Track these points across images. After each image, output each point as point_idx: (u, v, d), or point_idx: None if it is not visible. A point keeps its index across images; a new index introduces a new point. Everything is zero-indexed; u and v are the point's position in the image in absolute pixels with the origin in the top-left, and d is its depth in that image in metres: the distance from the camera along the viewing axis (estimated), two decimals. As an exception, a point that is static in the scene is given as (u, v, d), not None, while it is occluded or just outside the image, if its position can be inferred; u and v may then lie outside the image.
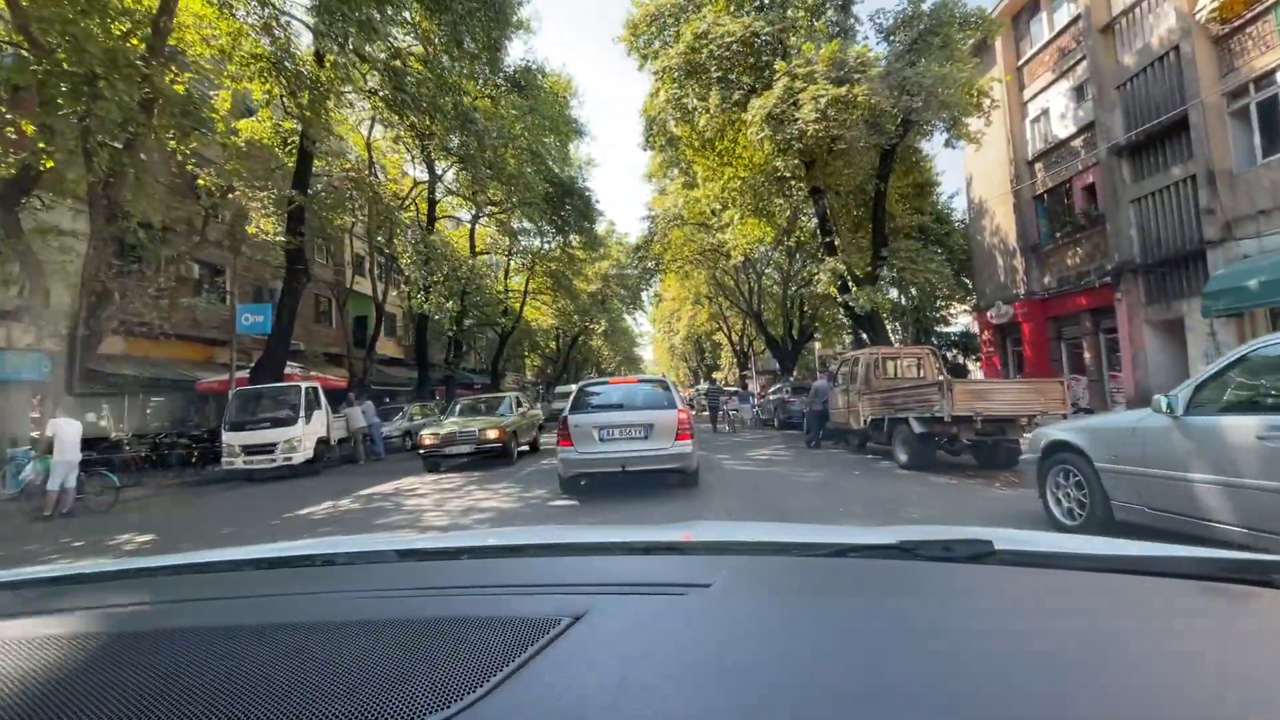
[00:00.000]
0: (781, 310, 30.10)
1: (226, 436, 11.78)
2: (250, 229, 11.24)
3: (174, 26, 10.26)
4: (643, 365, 75.98)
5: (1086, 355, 16.54)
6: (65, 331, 9.77)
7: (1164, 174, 13.61)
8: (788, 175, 16.77)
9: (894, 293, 22.08)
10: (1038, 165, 18.02)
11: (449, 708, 0.53)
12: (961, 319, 32.62)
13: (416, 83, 14.84)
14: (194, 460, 12.73)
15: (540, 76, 23.51)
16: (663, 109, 17.70)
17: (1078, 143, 16.37)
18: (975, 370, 24.60)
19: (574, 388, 8.58)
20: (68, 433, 8.93)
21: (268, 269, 16.16)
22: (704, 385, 31.99)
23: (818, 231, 24.48)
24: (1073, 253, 16.81)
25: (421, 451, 11.45)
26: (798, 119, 13.71)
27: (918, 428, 7.92)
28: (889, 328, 34.35)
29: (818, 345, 39.72)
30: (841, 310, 31.43)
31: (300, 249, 14.76)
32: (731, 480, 8.20)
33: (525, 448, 13.22)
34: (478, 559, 1.11)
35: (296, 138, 14.61)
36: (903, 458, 8.42)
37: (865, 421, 9.59)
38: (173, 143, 9.91)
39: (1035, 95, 17.92)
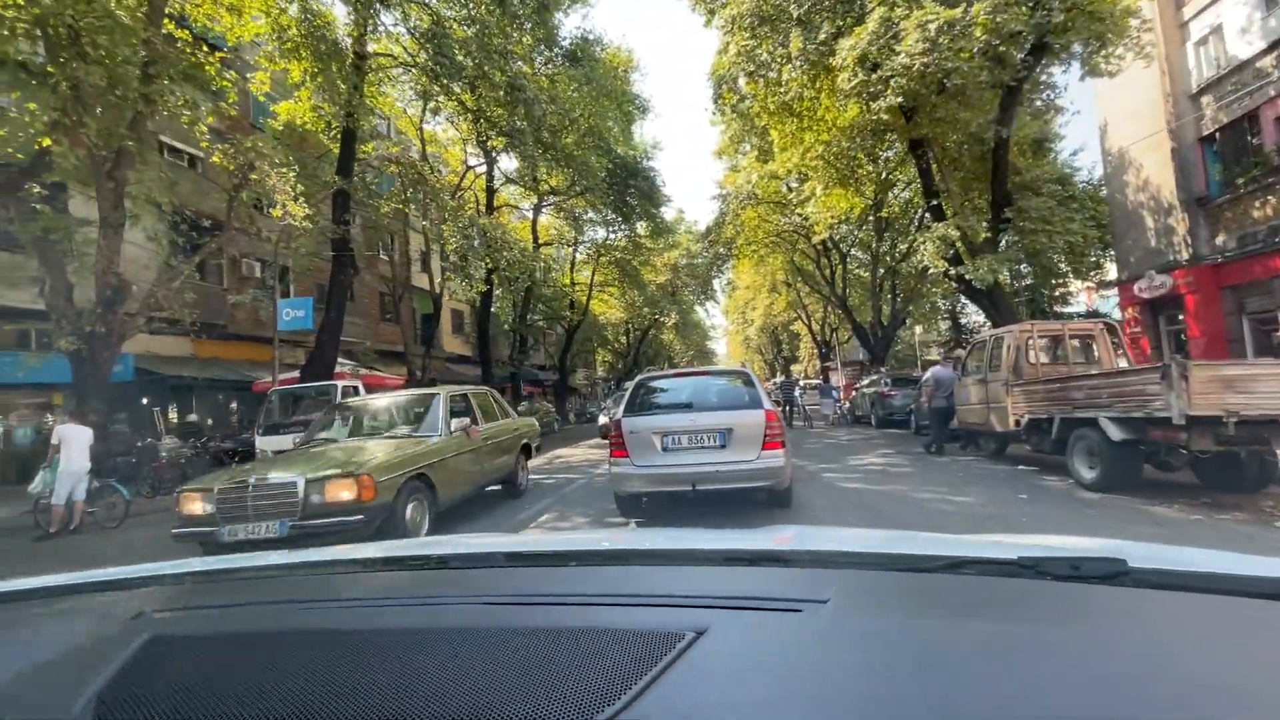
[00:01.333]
0: (870, 294, 27.08)
1: (260, 441, 10.82)
2: (276, 212, 10.22)
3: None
4: (716, 359, 73.44)
5: (1282, 332, 13.05)
6: (85, 330, 8.94)
7: None
8: (884, 127, 14.20)
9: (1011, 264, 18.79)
10: (1205, 98, 14.52)
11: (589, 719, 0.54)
12: (1082, 298, 28.44)
13: (461, 50, 13.49)
14: (235, 464, 11.94)
15: (598, 49, 21.87)
16: (733, 65, 15.55)
17: (1268, 61, 12.88)
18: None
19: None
20: (76, 439, 8.04)
21: (322, 263, 15.39)
22: (779, 379, 29.53)
23: (917, 198, 21.72)
24: (1262, 203, 13.31)
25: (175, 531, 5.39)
26: (899, 53, 11.27)
27: (1116, 433, 5.52)
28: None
29: (917, 330, 36.05)
30: (940, 291, 28.20)
31: (345, 239, 13.79)
32: (841, 504, 6.07)
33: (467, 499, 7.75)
34: (586, 566, 1.09)
35: (339, 121, 13.62)
36: (1087, 474, 6.04)
37: (1017, 422, 7.19)
38: (185, 116, 8.90)
39: (1200, 11, 14.43)
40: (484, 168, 22.92)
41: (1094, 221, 17.27)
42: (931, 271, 25.19)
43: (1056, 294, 25.82)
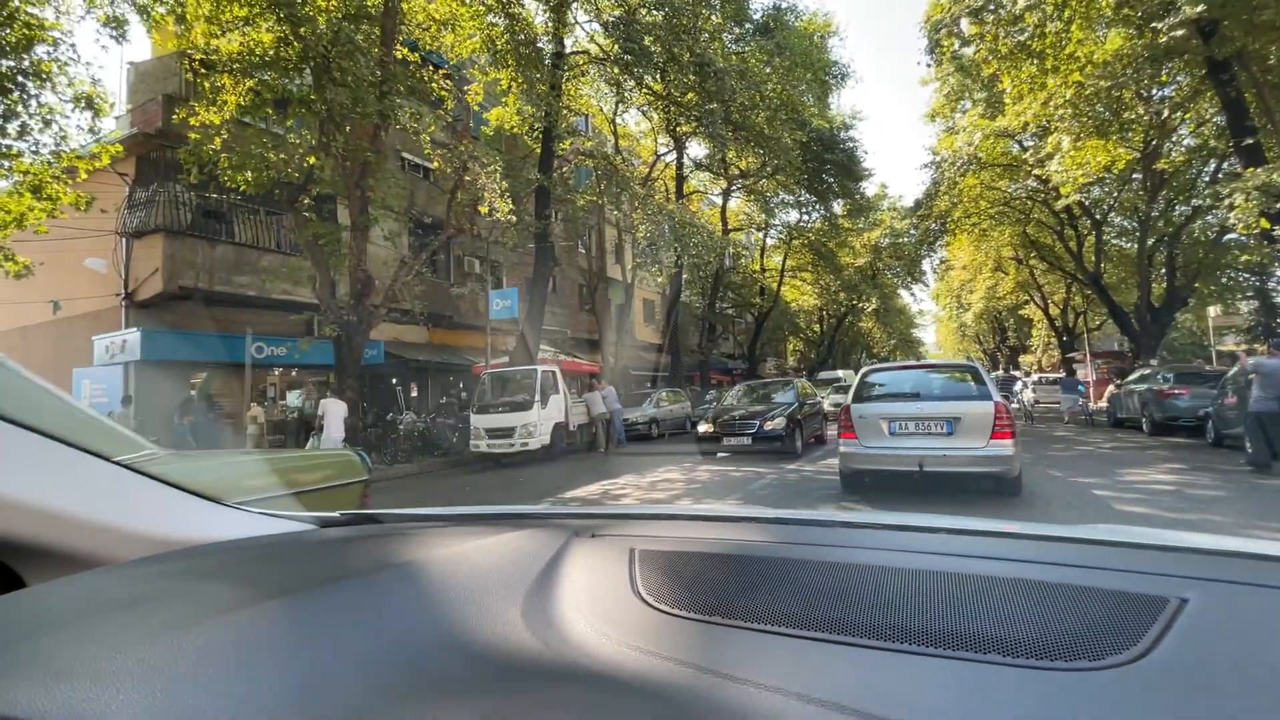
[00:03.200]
0: (1136, 268, 21.94)
1: (474, 420, 11.93)
2: (482, 208, 11.09)
3: (408, 10, 10.37)
4: (922, 349, 66.66)
5: None
6: (344, 319, 10.50)
7: None
8: (1170, 48, 11.07)
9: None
10: None
11: (1103, 660, 0.58)
12: None
13: (650, 35, 13.46)
14: (455, 439, 13.37)
15: (791, 17, 20.58)
16: (954, 5, 13.40)
17: None
18: None
19: (839, 374, 7.52)
20: (335, 412, 9.46)
21: (528, 256, 16.64)
22: (997, 374, 25.68)
23: (1212, 142, 16.95)
24: None
25: (699, 437, 11.15)
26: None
27: None
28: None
29: (1210, 313, 28.67)
30: (1252, 259, 21.82)
31: (545, 232, 14.63)
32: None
33: (810, 440, 11.82)
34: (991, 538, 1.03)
35: (540, 122, 14.47)
36: None
37: None
38: (413, 124, 9.97)
39: None
40: (673, 156, 22.93)
41: None
42: (1231, 236, 19.62)
43: None
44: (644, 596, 0.77)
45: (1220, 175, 17.32)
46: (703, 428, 10.94)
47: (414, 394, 18.24)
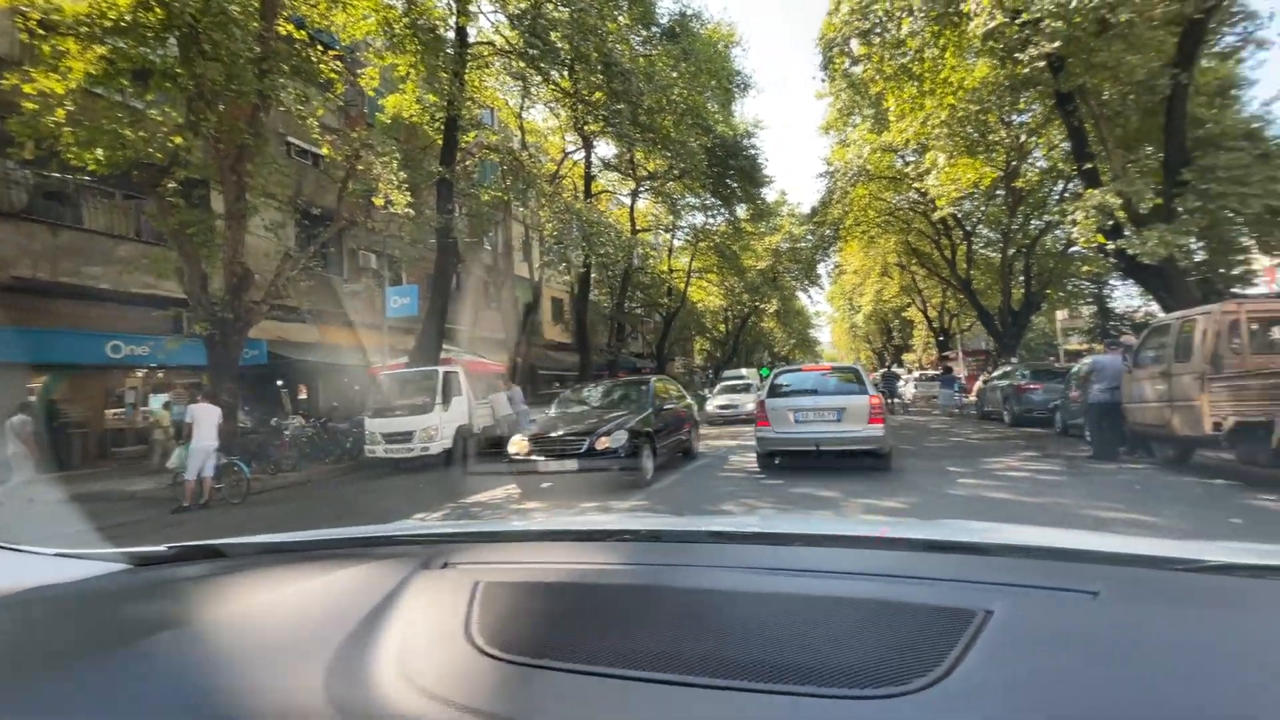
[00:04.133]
0: (999, 276, 24.41)
1: (369, 424, 11.27)
2: (378, 200, 10.49)
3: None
4: (819, 349, 70.57)
5: None
6: (217, 316, 9.58)
7: None
8: (1024, 83, 12.37)
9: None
10: None
11: (908, 684, 0.59)
12: (1267, 278, 23.92)
13: (556, 32, 13.30)
14: (349, 444, 12.56)
15: (697, 24, 21.06)
16: (845, 26, 14.24)
17: None
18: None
19: (743, 372, 9.34)
20: (205, 418, 8.60)
21: (430, 253, 15.93)
22: (882, 371, 28.06)
23: (1060, 165, 19.10)
24: None
25: (510, 460, 7.76)
26: (1050, -11, 9.65)
27: (1385, 443, 4.15)
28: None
29: (1059, 316, 32.31)
30: (1091, 270, 24.83)
31: (448, 227, 14.09)
32: (989, 520, 5.10)
33: (679, 455, 9.80)
34: (825, 547, 1.09)
35: (441, 112, 13.90)
36: (1334, 496, 4.65)
37: (1217, 425, 5.72)
38: (299, 110, 9.25)
39: None
40: (582, 154, 22.81)
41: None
42: (1075, 249, 22.27)
43: (1235, 273, 21.90)
44: (477, 641, 0.73)
45: (1066, 195, 19.59)
46: (514, 447, 7.73)
47: (303, 397, 16.99)
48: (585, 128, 18.60)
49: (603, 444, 7.33)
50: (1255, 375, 5.64)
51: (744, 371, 37.07)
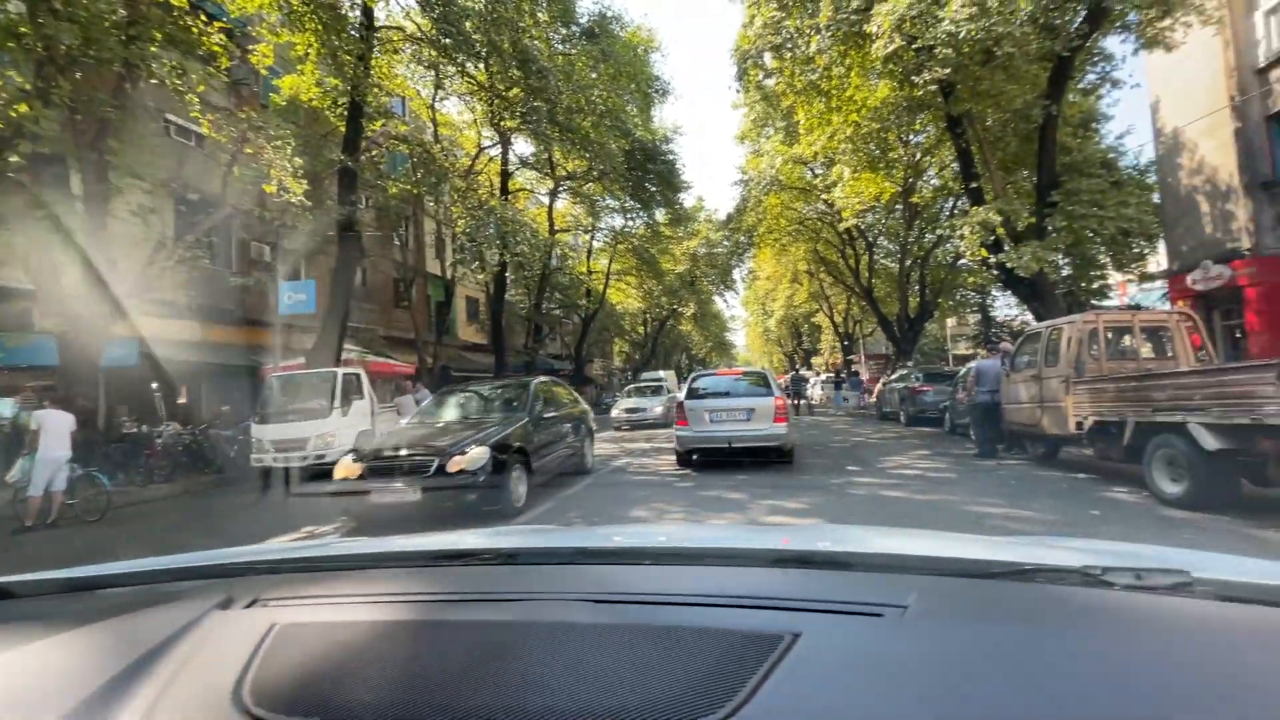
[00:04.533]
0: (897, 284, 26.05)
1: (255, 430, 10.34)
2: (269, 187, 9.64)
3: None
4: (734, 352, 72.64)
5: (1359, 328, 11.93)
6: (73, 311, 8.48)
7: None
8: (919, 105, 13.22)
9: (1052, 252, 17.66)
10: (1275, 72, 13.33)
11: (703, 718, 0.57)
12: (1121, 291, 27.00)
13: (470, 21, 12.83)
14: (234, 453, 11.52)
15: (617, 26, 21.07)
16: (759, 39, 14.66)
17: (1352, 30, 11.69)
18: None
19: (660, 374, 9.42)
20: (54, 425, 7.58)
21: (332, 245, 14.90)
22: (790, 375, 29.52)
23: (950, 184, 20.61)
24: (1338, 186, 12.16)
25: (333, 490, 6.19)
26: (942, 19, 10.36)
27: (1211, 442, 4.71)
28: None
29: (950, 323, 34.85)
30: (976, 281, 26.95)
31: (351, 219, 13.27)
32: (886, 521, 5.31)
33: (569, 473, 8.54)
34: (663, 565, 1.08)
35: (345, 97, 13.05)
36: (1170, 488, 5.20)
37: (1079, 425, 6.34)
38: (174, 81, 8.34)
39: (1274, -24, 13.19)
40: (499, 150, 22.22)
41: (1145, 207, 16.14)
42: (963, 261, 24.15)
43: (1094, 286, 24.55)
44: (246, 702, 0.63)
45: (955, 211, 21.19)
46: (341, 471, 6.07)
47: (182, 401, 15.46)
48: (502, 123, 18.11)
49: (455, 465, 5.75)
50: (1110, 379, 6.28)
51: (662, 374, 37.51)
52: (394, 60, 16.11)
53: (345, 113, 13.42)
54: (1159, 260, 18.69)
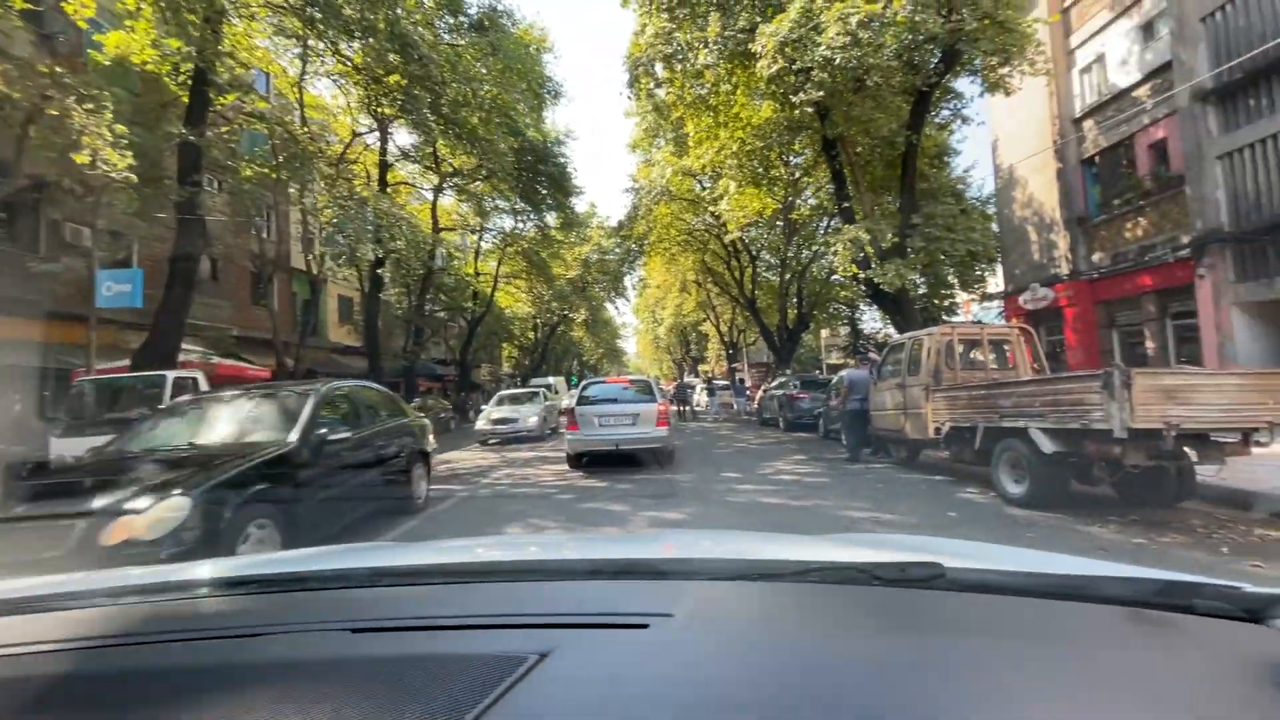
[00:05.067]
0: (778, 296, 27.42)
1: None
2: (81, 157, 8.11)
3: None
4: (625, 359, 73.33)
5: (1149, 345, 14.02)
6: None
7: (1270, 119, 11.03)
8: (798, 125, 13.92)
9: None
10: (1088, 122, 15.43)
11: None
12: (972, 308, 30.28)
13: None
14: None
15: (507, 21, 20.46)
16: (650, 48, 14.77)
17: (1143, 92, 13.78)
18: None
19: (549, 380, 9.53)
20: None
21: (166, 229, 13.00)
22: (676, 383, 30.57)
23: (825, 203, 21.96)
24: (1133, 224, 14.25)
25: None
26: (819, 45, 10.93)
27: (1047, 445, 5.17)
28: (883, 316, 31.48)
29: (824, 334, 37.16)
30: (848, 294, 28.99)
31: (194, 202, 11.67)
32: (763, 528, 5.33)
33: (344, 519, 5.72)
34: (447, 584, 1.05)
35: (189, 62, 11.48)
36: (1013, 489, 5.67)
37: (937, 430, 6.81)
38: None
39: (1086, 40, 15.31)
40: (377, 139, 20.72)
41: (987, 234, 18.06)
42: (836, 276, 25.91)
43: (945, 304, 27.29)
44: None
45: (830, 229, 22.63)
46: None
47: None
48: (379, 110, 16.84)
49: (119, 534, 3.53)
50: (964, 388, 6.80)
51: (551, 379, 36.86)
52: (253, 29, 14.50)
53: (189, 81, 11.83)
54: (998, 282, 21.07)
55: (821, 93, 11.17)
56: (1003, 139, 18.59)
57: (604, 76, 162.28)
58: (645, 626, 0.73)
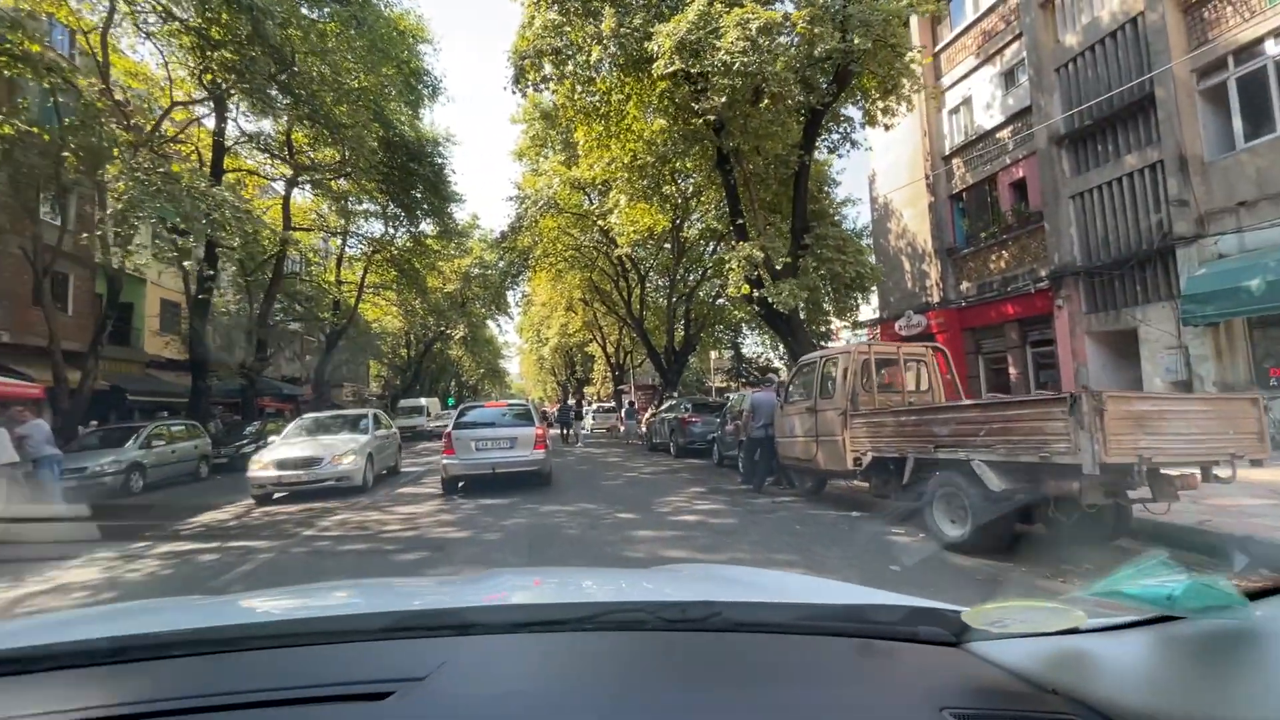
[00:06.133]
0: (666, 317, 26.99)
1: None
2: None
3: None
4: (508, 379, 70.39)
5: (1011, 371, 14.79)
6: None
7: (1114, 164, 11.95)
8: (696, 133, 13.33)
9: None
10: (956, 160, 16.33)
11: None
12: (843, 334, 31.75)
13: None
14: None
15: (381, 4, 18.42)
16: (539, 41, 13.58)
17: (1005, 134, 14.72)
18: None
19: (422, 402, 10.93)
20: None
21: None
22: (559, 406, 29.65)
23: (714, 225, 21.78)
24: (997, 256, 15.10)
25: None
26: (719, 48, 10.36)
27: (995, 482, 4.42)
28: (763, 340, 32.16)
29: (713, 356, 37.31)
30: (738, 316, 29.13)
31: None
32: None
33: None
34: (158, 659, 0.85)
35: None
36: (951, 531, 4.88)
37: (857, 461, 6.02)
38: None
39: (955, 83, 16.26)
40: (210, 115, 17.59)
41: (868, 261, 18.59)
42: (721, 300, 25.92)
43: (820, 329, 28.28)
44: None
45: (718, 252, 22.51)
46: None
47: None
48: (210, 79, 14.12)
49: None
50: (890, 413, 6.10)
51: (423, 401, 33.84)
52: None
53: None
54: (870, 309, 21.86)
55: (723, 99, 10.58)
56: (880, 172, 19.40)
57: (493, 95, 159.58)
58: (384, 696, 0.65)
